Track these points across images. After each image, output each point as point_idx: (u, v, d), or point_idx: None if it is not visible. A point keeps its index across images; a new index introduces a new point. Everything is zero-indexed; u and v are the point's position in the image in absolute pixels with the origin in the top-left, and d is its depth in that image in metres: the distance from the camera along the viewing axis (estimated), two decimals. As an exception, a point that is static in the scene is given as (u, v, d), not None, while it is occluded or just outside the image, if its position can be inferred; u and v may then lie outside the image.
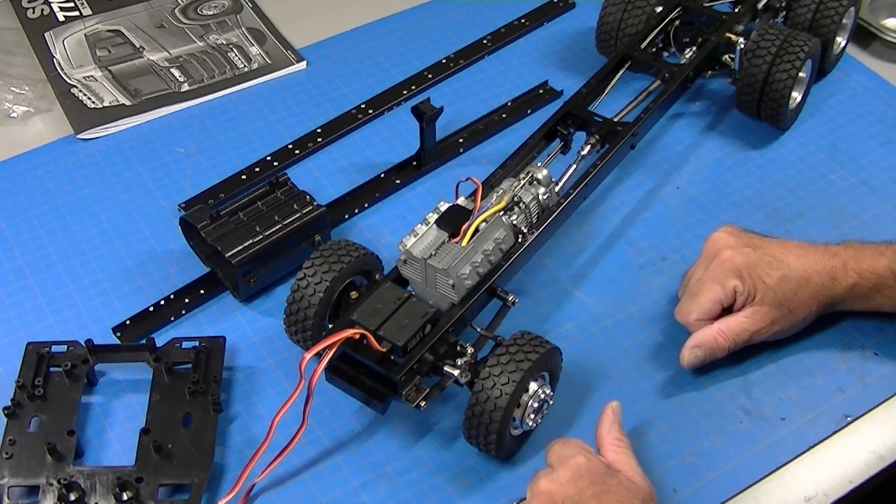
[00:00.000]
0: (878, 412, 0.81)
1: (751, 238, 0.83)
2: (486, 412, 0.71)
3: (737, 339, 0.80)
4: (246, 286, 0.86)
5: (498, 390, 0.71)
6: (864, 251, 0.82)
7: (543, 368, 0.74)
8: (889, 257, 0.81)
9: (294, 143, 1.03)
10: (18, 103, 1.07)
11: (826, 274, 0.81)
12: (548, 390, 0.75)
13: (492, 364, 0.72)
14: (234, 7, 1.19)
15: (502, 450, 0.74)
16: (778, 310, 0.80)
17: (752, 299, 0.80)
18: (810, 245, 0.83)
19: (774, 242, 0.83)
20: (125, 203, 0.97)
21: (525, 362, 0.72)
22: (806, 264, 0.81)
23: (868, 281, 0.81)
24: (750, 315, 0.80)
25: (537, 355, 0.72)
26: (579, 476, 0.67)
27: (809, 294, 0.81)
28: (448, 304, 0.77)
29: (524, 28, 1.16)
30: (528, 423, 0.74)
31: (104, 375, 0.83)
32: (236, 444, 0.78)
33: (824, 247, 0.83)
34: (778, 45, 0.97)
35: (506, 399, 0.71)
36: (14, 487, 0.74)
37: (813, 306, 0.81)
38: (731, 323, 0.80)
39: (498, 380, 0.71)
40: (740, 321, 0.80)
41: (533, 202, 0.82)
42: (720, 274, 0.80)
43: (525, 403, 0.73)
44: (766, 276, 0.80)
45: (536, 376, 0.73)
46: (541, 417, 0.75)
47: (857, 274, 0.81)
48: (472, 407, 0.72)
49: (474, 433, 0.73)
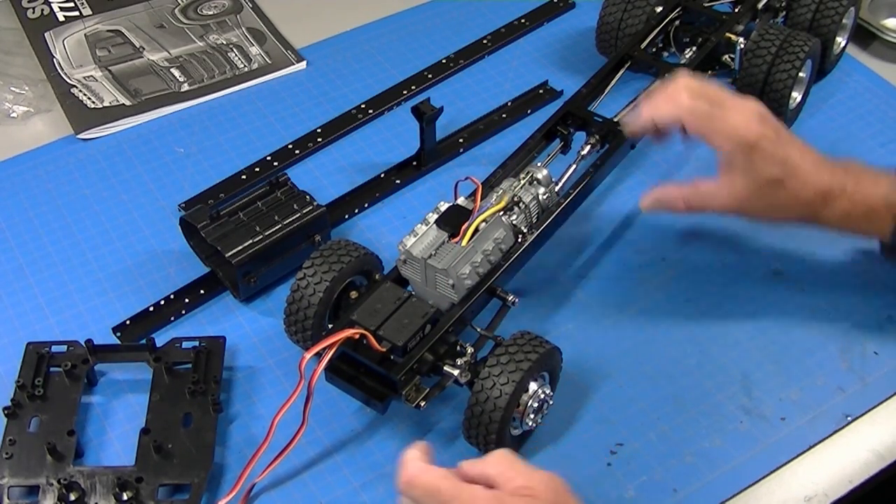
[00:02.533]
0: (879, 412, 0.81)
1: (777, 127, 0.81)
2: (486, 412, 0.71)
3: (700, 209, 0.84)
4: (246, 286, 0.86)
5: (497, 390, 0.71)
6: (863, 178, 0.81)
7: (543, 368, 0.74)
8: (885, 188, 0.80)
9: (294, 143, 1.03)
10: (18, 103, 1.07)
11: (821, 195, 0.80)
12: (548, 390, 0.75)
13: (491, 364, 0.72)
14: (234, 7, 1.19)
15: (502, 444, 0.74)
16: (754, 204, 0.81)
17: (735, 176, 0.80)
18: (821, 158, 0.81)
19: (795, 142, 0.81)
20: (125, 203, 0.97)
21: (525, 362, 0.72)
22: (809, 179, 0.80)
23: (859, 209, 0.81)
24: (724, 190, 0.81)
25: (537, 355, 0.72)
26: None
27: (796, 207, 0.81)
28: (448, 303, 0.77)
29: (524, 28, 1.16)
30: (527, 423, 0.74)
31: (104, 375, 0.83)
32: (236, 444, 0.78)
33: (832, 165, 0.81)
34: (778, 45, 0.97)
35: (505, 399, 0.71)
36: (14, 487, 0.73)
37: (793, 216, 0.82)
38: (699, 193, 0.83)
39: (497, 380, 0.71)
40: (710, 193, 0.82)
41: (533, 202, 0.82)
42: (731, 130, 0.79)
43: (525, 403, 0.73)
44: (762, 169, 0.79)
45: (536, 376, 0.73)
46: (541, 417, 0.75)
47: (849, 202, 0.80)
48: (472, 407, 0.72)
49: (474, 433, 0.73)
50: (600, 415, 0.80)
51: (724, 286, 0.89)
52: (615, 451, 0.77)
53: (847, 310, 0.87)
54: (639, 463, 0.77)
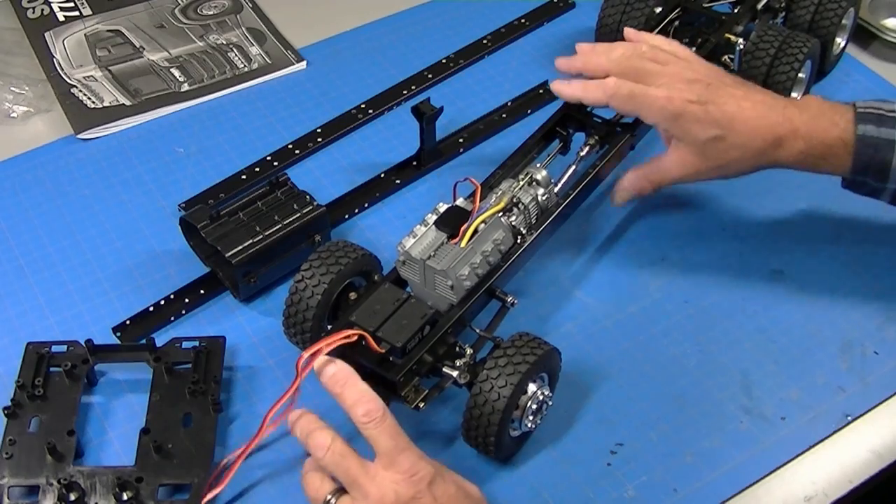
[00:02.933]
0: (879, 412, 0.81)
1: (715, 77, 0.83)
2: (485, 414, 0.71)
3: (661, 184, 0.87)
4: (246, 286, 0.86)
5: (496, 392, 0.71)
6: (819, 118, 0.81)
7: (542, 370, 0.74)
8: (842, 127, 0.81)
9: (294, 143, 1.03)
10: (18, 103, 1.07)
11: (772, 139, 0.81)
12: (546, 392, 0.74)
13: (490, 366, 0.72)
14: (234, 7, 1.19)
15: (501, 451, 0.74)
16: (704, 165, 0.83)
17: (678, 145, 0.83)
18: (768, 101, 0.82)
19: (732, 94, 0.82)
20: (125, 203, 0.97)
21: (523, 364, 0.72)
22: (753, 126, 0.81)
23: (815, 150, 0.81)
24: (674, 162, 0.84)
25: (536, 357, 0.72)
26: None
27: (747, 158, 0.82)
28: (447, 305, 0.77)
29: (524, 28, 1.16)
30: (526, 425, 0.74)
31: (104, 375, 0.83)
32: (236, 444, 0.77)
33: (782, 107, 0.82)
34: (777, 45, 0.97)
35: (504, 401, 0.71)
36: (14, 487, 0.73)
37: (748, 166, 0.83)
38: (655, 168, 0.86)
39: (496, 381, 0.71)
40: (663, 167, 0.85)
41: (532, 203, 0.82)
42: (656, 106, 0.82)
43: (524, 405, 0.73)
44: (698, 132, 0.81)
45: (535, 378, 0.73)
46: (540, 418, 0.75)
47: (804, 142, 0.81)
48: (471, 409, 0.72)
49: (473, 434, 0.73)
50: (600, 415, 0.80)
51: (724, 286, 0.89)
52: (615, 451, 0.77)
53: (847, 310, 0.87)
54: (639, 463, 0.77)
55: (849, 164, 0.81)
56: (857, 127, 0.80)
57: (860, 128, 0.80)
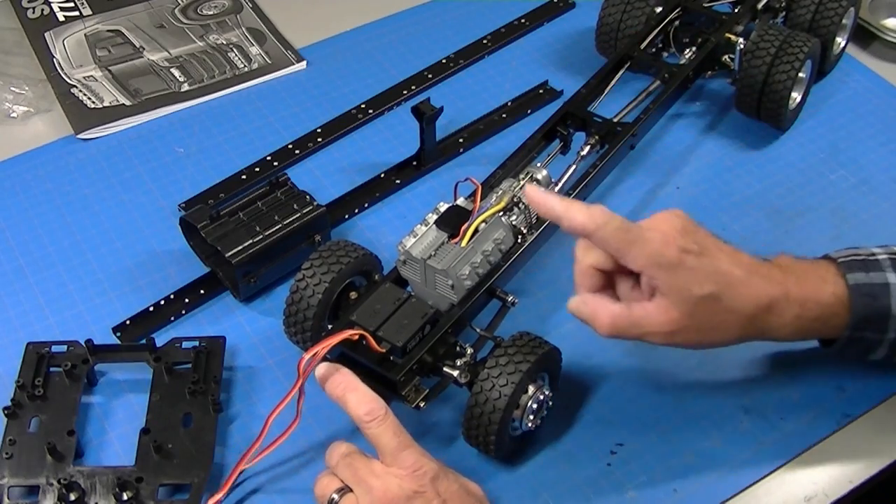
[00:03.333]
0: (879, 411, 0.81)
1: (702, 238, 0.70)
2: (486, 413, 0.71)
3: (630, 336, 0.71)
4: (246, 286, 0.86)
5: (497, 391, 0.71)
6: (806, 276, 0.73)
7: (543, 369, 0.74)
8: (832, 282, 0.73)
9: (294, 143, 1.03)
10: (18, 103, 1.07)
11: (766, 304, 0.71)
12: (547, 391, 0.74)
13: (491, 365, 0.72)
14: (234, 7, 1.19)
15: (502, 450, 0.74)
16: (690, 321, 0.69)
17: (666, 299, 0.69)
18: (754, 263, 0.72)
19: (724, 253, 0.71)
20: (125, 203, 0.97)
21: (524, 363, 0.72)
22: (747, 288, 0.70)
23: (810, 312, 0.72)
24: (654, 316, 0.70)
25: (536, 356, 0.72)
26: None
27: (738, 321, 0.71)
28: (447, 304, 0.77)
29: (524, 28, 1.16)
30: (527, 424, 0.74)
31: (104, 375, 0.83)
32: (236, 444, 0.78)
33: (767, 270, 0.72)
34: (777, 45, 0.97)
35: (504, 400, 0.71)
36: (14, 487, 0.73)
37: (733, 334, 0.72)
38: (629, 319, 0.70)
39: (497, 381, 0.71)
40: (640, 321, 0.70)
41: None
42: (646, 254, 0.68)
43: (524, 404, 0.73)
44: (693, 287, 0.68)
45: (535, 377, 0.73)
46: (540, 419, 0.75)
47: (799, 306, 0.72)
48: (472, 408, 0.72)
49: (474, 433, 0.73)
50: (600, 415, 0.80)
51: (724, 286, 0.89)
52: (615, 451, 0.77)
53: (847, 310, 0.87)
54: (639, 463, 0.77)
55: (846, 320, 0.73)
56: (847, 277, 0.73)
57: (850, 277, 0.73)
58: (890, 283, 0.73)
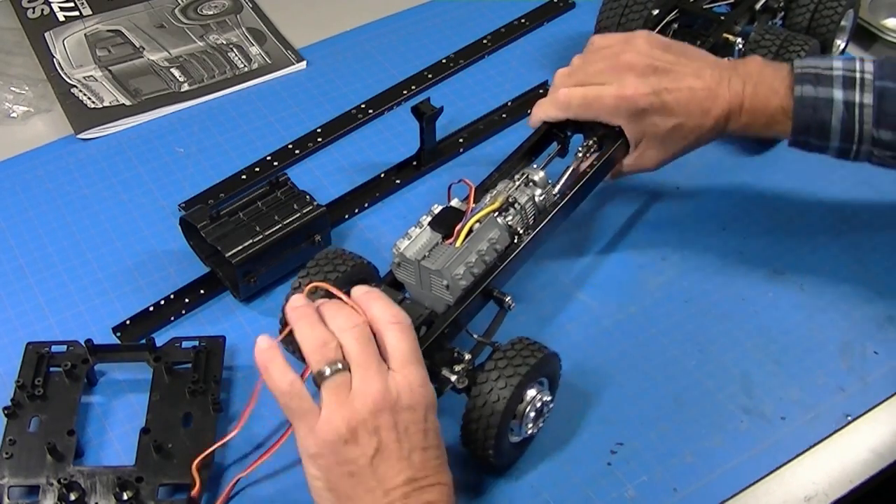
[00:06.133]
0: (879, 411, 0.81)
1: (663, 58, 0.84)
2: (484, 416, 0.71)
3: (621, 176, 0.89)
4: (246, 286, 0.86)
5: (496, 394, 0.71)
6: (760, 86, 0.82)
7: (541, 374, 0.74)
8: (781, 94, 0.82)
9: (294, 143, 1.03)
10: (18, 103, 1.07)
11: (724, 116, 0.83)
12: (546, 397, 0.74)
13: (489, 367, 0.72)
14: (234, 7, 1.19)
15: (501, 457, 0.74)
16: (666, 151, 0.86)
17: (639, 139, 0.85)
18: (716, 75, 0.83)
19: (683, 75, 0.83)
20: (125, 203, 0.97)
21: (523, 366, 0.71)
22: (708, 107, 0.82)
23: (759, 120, 0.83)
24: (635, 157, 0.87)
25: (535, 359, 0.72)
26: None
27: (704, 134, 0.84)
28: (444, 305, 0.76)
29: (524, 28, 1.16)
30: (527, 430, 0.74)
31: (104, 375, 0.83)
32: (236, 444, 0.78)
33: (728, 79, 0.83)
34: (776, 47, 0.97)
35: (504, 402, 0.70)
36: (14, 487, 0.73)
37: (703, 142, 0.86)
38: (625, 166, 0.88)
39: (496, 384, 0.71)
40: (627, 163, 0.87)
41: (529, 203, 0.82)
42: (616, 110, 0.83)
43: (523, 410, 0.73)
44: (660, 122, 0.83)
45: (534, 382, 0.73)
46: (540, 424, 0.75)
47: (749, 115, 0.83)
48: (470, 412, 0.72)
49: (472, 439, 0.72)
50: (600, 415, 0.80)
51: (724, 286, 0.89)
52: (615, 451, 0.77)
53: (847, 310, 0.87)
54: (639, 463, 0.77)
55: (790, 128, 0.82)
56: (795, 89, 0.81)
57: (797, 89, 0.81)
58: (834, 99, 0.79)
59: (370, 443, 0.62)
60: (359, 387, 0.62)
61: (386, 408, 0.62)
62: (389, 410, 0.62)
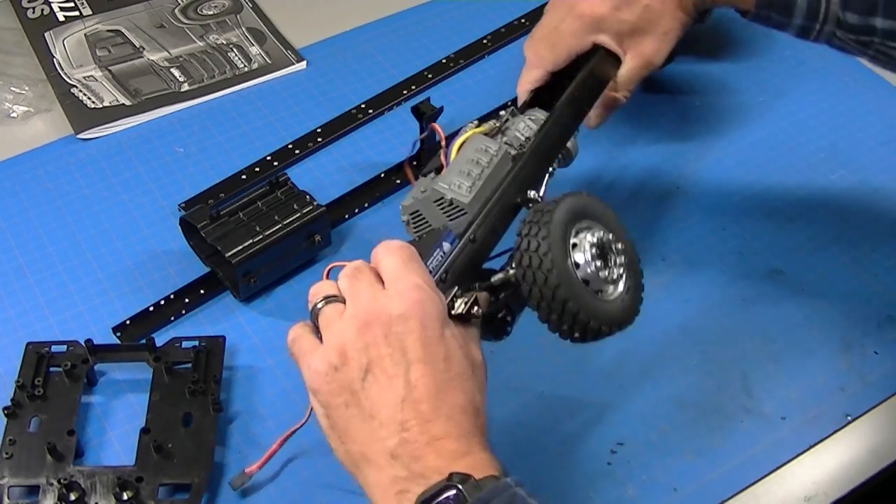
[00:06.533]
0: (879, 411, 0.81)
1: None
2: (541, 270, 0.63)
3: (630, 86, 0.86)
4: (246, 286, 0.86)
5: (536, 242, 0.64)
6: None
7: (579, 217, 0.67)
8: None
9: (294, 143, 1.03)
10: (18, 103, 1.07)
11: None
12: (599, 234, 0.67)
13: (525, 232, 0.65)
14: (234, 7, 1.19)
15: (599, 317, 0.65)
16: (653, 40, 0.83)
17: (622, 41, 0.83)
18: None
19: None
20: (125, 203, 0.97)
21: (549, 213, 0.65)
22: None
23: None
24: (631, 58, 0.84)
25: (567, 202, 0.66)
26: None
27: (675, 8, 0.82)
28: (463, 225, 0.69)
29: (524, 28, 1.16)
30: (604, 274, 0.66)
31: (104, 375, 0.83)
32: (236, 444, 0.78)
33: None
34: None
35: (547, 244, 0.63)
36: (14, 487, 0.73)
37: (681, 17, 0.83)
38: (621, 76, 0.85)
39: (534, 239, 0.64)
40: (627, 69, 0.85)
41: (522, 126, 0.78)
42: (579, 28, 0.83)
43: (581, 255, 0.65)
44: (628, 13, 0.82)
45: (576, 227, 0.67)
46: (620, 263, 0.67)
47: None
48: (528, 285, 0.64)
49: (546, 311, 0.65)
50: (600, 415, 0.80)
51: (724, 286, 0.89)
52: (615, 451, 0.77)
53: (847, 310, 0.87)
54: (639, 463, 0.77)
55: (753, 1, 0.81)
56: None
57: None
58: None
59: (360, 362, 0.57)
60: (347, 309, 0.59)
61: (374, 321, 0.57)
62: (379, 323, 0.57)
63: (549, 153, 0.77)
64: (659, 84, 1.07)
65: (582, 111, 0.82)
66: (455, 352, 0.59)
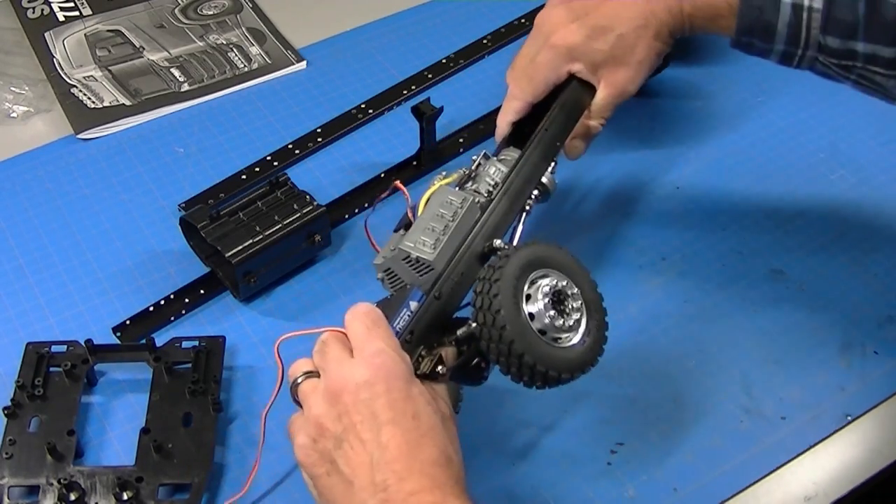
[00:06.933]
0: (879, 411, 0.81)
1: (582, 4, 0.83)
2: (494, 326, 0.63)
3: (604, 114, 0.85)
4: (246, 286, 0.86)
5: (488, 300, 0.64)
6: None
7: (534, 267, 0.67)
8: None
9: (294, 143, 1.03)
10: (18, 103, 1.07)
11: (663, 11, 0.81)
12: (552, 281, 0.66)
13: (477, 290, 0.65)
14: (234, 7, 1.19)
15: (555, 366, 0.65)
16: (627, 69, 0.82)
17: (596, 70, 0.83)
18: None
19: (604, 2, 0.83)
20: (125, 203, 0.97)
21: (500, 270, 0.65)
22: (640, 11, 0.81)
23: (704, 13, 0.81)
24: (605, 87, 0.83)
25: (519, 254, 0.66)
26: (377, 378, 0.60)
27: (650, 37, 0.81)
28: (430, 280, 0.70)
29: (524, 28, 1.16)
30: (559, 323, 0.66)
31: (104, 375, 0.83)
32: (236, 444, 0.78)
33: None
34: None
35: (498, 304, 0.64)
36: (14, 487, 0.74)
37: (656, 46, 0.82)
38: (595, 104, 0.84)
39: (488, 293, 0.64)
40: (601, 98, 0.84)
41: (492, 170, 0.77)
42: (554, 59, 0.83)
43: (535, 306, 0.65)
44: (601, 43, 0.82)
45: (530, 278, 0.66)
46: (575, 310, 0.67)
47: (692, 7, 0.81)
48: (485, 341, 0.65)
49: (502, 361, 0.65)
50: (600, 415, 0.80)
51: (724, 286, 0.89)
52: (615, 451, 0.77)
53: (847, 310, 0.87)
54: (639, 463, 0.77)
55: (734, 25, 0.80)
56: None
57: None
58: (783, 2, 0.76)
59: (335, 431, 0.60)
60: (320, 382, 0.62)
61: (342, 391, 0.60)
62: (347, 392, 0.60)
63: (520, 196, 0.76)
64: (658, 86, 1.07)
65: (555, 146, 0.82)
66: (423, 408, 0.61)
